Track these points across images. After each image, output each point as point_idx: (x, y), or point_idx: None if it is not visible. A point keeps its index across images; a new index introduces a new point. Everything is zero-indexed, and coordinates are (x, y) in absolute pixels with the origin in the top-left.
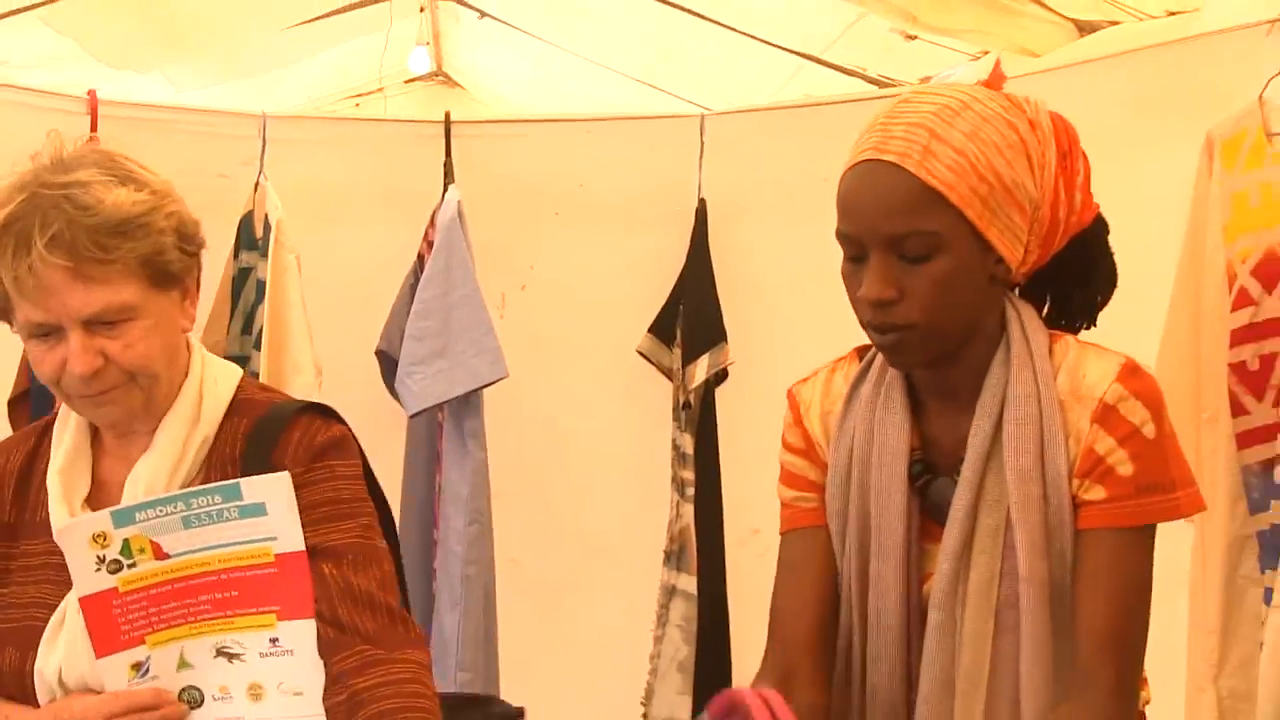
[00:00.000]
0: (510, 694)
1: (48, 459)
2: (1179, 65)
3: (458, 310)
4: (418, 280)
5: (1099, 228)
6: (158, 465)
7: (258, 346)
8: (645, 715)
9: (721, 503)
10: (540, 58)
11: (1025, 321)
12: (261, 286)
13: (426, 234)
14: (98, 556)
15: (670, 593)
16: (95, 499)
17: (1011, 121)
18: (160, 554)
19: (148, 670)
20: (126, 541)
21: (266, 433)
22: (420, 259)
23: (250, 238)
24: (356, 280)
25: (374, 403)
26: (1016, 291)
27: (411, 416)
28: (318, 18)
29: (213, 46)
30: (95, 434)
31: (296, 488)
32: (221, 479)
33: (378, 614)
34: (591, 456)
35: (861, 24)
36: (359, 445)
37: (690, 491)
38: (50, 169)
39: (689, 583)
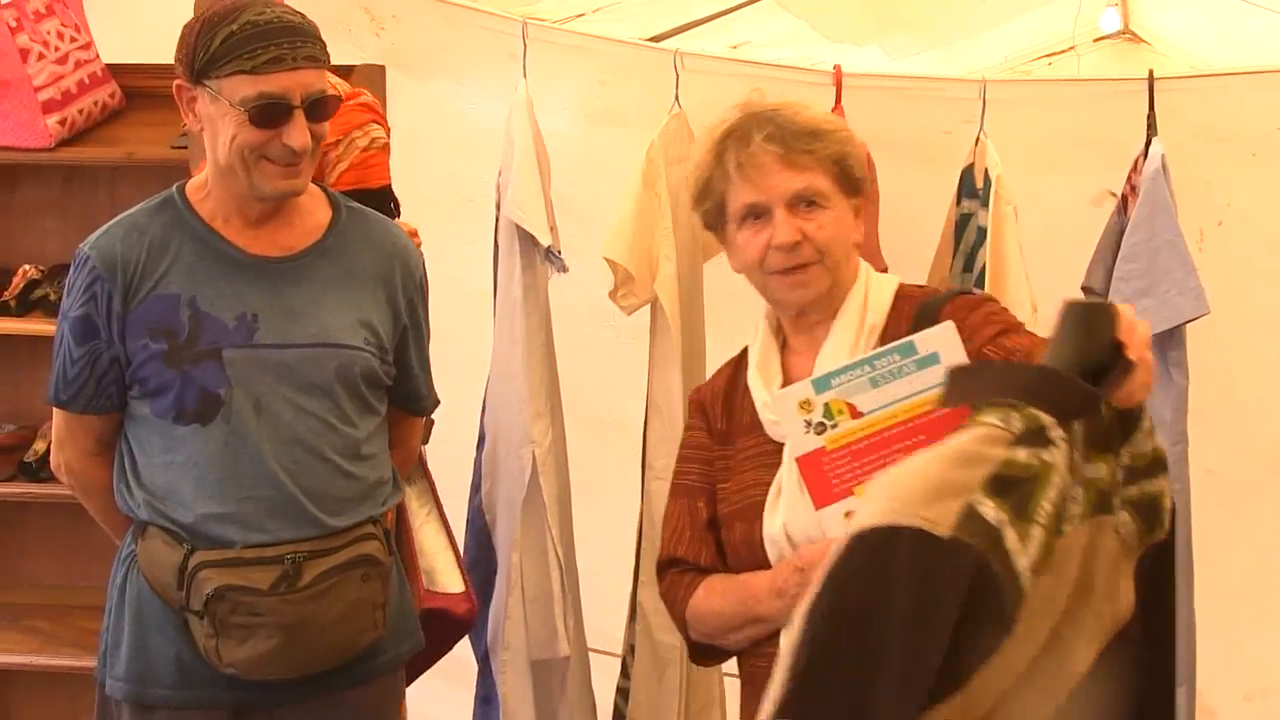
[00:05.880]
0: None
1: (745, 376)
2: None
3: (1162, 254)
4: (1120, 222)
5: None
6: (838, 347)
7: (979, 285)
8: None
9: None
10: (1226, 11)
11: None
12: (981, 232)
13: (1129, 178)
14: (805, 421)
15: None
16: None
17: None
18: (856, 413)
19: None
20: (827, 405)
21: (929, 309)
22: (1123, 201)
23: (971, 187)
24: (1064, 223)
25: None
26: None
27: None
28: None
29: (922, 18)
30: (781, 340)
31: (960, 324)
32: None
33: None
34: None
35: None
36: None
37: None
38: (758, 102)
39: None
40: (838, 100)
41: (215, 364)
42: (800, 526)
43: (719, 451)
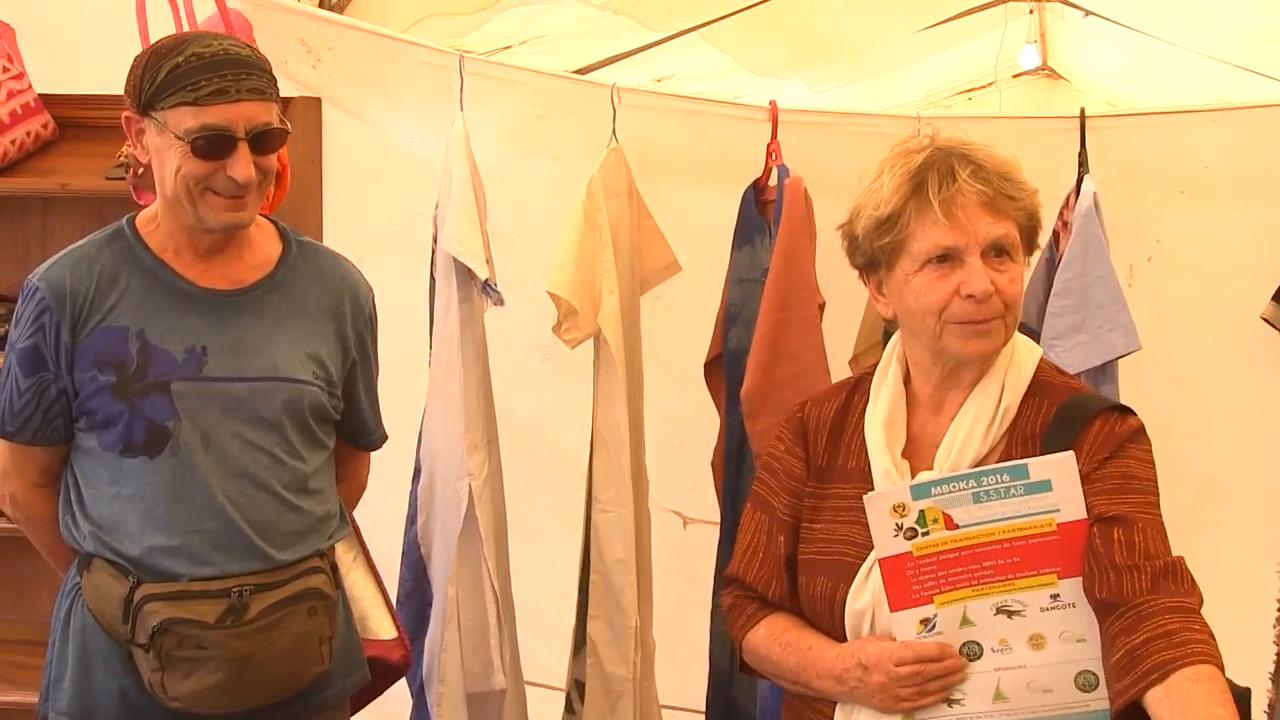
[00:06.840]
0: None
1: (858, 413)
2: None
3: (1094, 290)
4: (1052, 257)
5: None
6: (971, 427)
7: None
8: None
9: None
10: (1141, 49)
11: None
12: None
13: (1061, 214)
14: (896, 524)
15: None
16: (908, 452)
17: None
18: (951, 524)
19: (934, 626)
20: (922, 512)
21: (1071, 420)
22: (1055, 238)
23: None
24: None
25: None
26: None
27: None
28: (944, 21)
29: (845, 53)
30: (910, 394)
31: (1093, 466)
32: (1022, 453)
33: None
34: (1212, 409)
35: None
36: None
37: None
38: (943, 138)
39: None
40: (774, 135)
41: (164, 397)
42: (883, 615)
43: (812, 488)
